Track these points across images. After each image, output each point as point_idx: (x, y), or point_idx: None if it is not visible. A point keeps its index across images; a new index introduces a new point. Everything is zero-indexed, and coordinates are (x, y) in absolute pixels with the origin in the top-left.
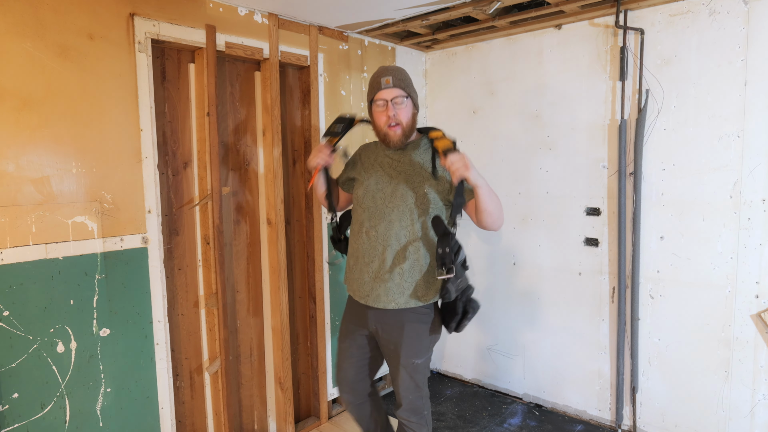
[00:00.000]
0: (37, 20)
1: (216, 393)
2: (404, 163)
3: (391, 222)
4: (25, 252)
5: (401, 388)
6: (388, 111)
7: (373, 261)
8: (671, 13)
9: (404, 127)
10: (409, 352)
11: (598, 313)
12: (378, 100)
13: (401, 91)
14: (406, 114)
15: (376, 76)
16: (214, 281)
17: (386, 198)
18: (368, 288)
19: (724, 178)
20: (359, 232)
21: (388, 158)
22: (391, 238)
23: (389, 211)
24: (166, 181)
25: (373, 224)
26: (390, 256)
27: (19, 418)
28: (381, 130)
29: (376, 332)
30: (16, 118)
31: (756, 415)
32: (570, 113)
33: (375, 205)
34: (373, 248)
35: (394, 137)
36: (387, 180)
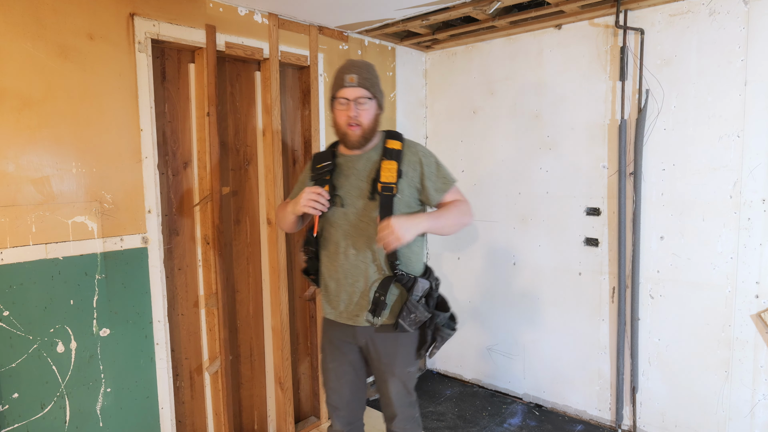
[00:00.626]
0: (37, 20)
1: (216, 393)
2: (369, 170)
3: (371, 237)
4: (25, 252)
5: (396, 399)
6: (349, 111)
7: (358, 280)
8: (671, 13)
9: (364, 128)
10: (405, 361)
11: (598, 313)
12: (340, 98)
13: (365, 92)
14: (367, 115)
15: (341, 72)
16: (214, 281)
17: (359, 212)
18: (356, 308)
19: (724, 178)
20: (336, 253)
21: (353, 168)
22: (372, 253)
23: (365, 226)
24: (166, 181)
25: (350, 242)
26: (374, 271)
27: (19, 418)
28: (341, 128)
29: (366, 346)
30: (16, 118)
31: (756, 415)
32: (570, 113)
33: (348, 222)
34: (356, 267)
35: (353, 137)
36: (357, 193)
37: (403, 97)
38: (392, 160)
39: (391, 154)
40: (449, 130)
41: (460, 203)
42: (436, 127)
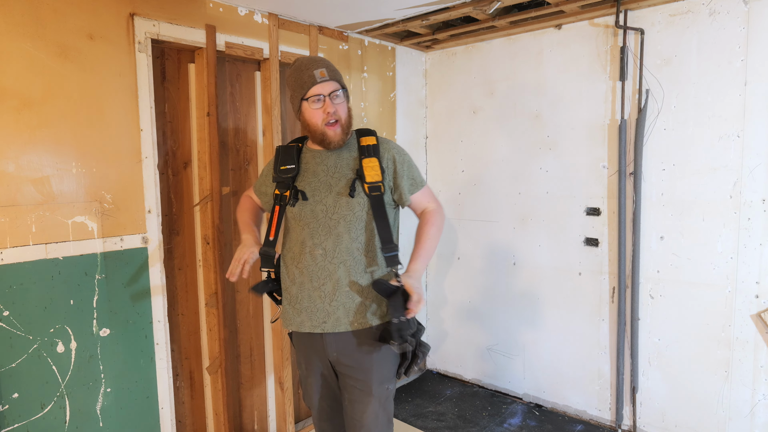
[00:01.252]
0: (37, 20)
1: (216, 393)
2: (341, 167)
3: (340, 236)
4: (25, 252)
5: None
6: (326, 107)
7: (325, 283)
8: (671, 13)
9: (343, 124)
10: (381, 377)
11: (598, 313)
12: (313, 96)
13: (337, 84)
14: (344, 109)
15: (306, 69)
16: (214, 281)
17: (328, 209)
18: (323, 314)
19: (724, 178)
20: (301, 254)
21: (322, 165)
22: (343, 253)
23: (335, 224)
24: (166, 181)
25: (317, 242)
26: (344, 274)
27: (19, 418)
28: (317, 129)
29: (336, 361)
30: (16, 118)
31: (756, 415)
32: (570, 113)
33: (316, 220)
34: (323, 268)
35: (335, 137)
36: (326, 189)
37: (403, 97)
38: (373, 157)
39: (370, 151)
40: (449, 130)
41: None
42: (436, 127)
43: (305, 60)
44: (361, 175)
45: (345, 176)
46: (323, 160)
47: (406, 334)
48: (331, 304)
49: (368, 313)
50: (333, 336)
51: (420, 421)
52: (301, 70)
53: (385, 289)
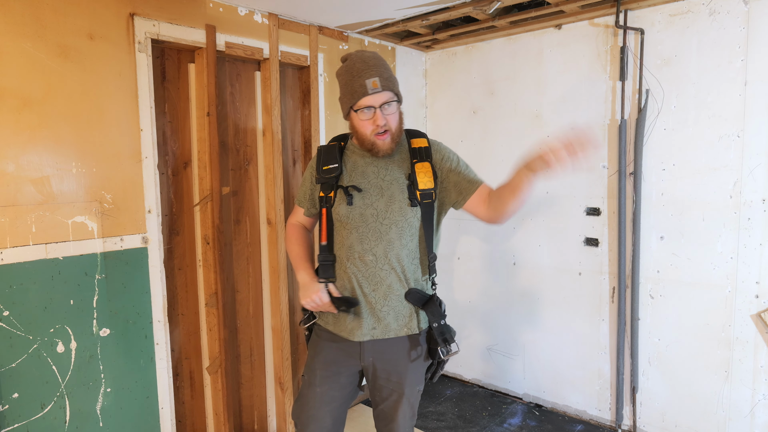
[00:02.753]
0: (37, 20)
1: (216, 393)
2: (392, 170)
3: (391, 242)
4: (25, 252)
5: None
6: (376, 119)
7: (377, 289)
8: (671, 13)
9: (393, 133)
10: (416, 379)
11: (598, 313)
12: (363, 108)
13: (391, 94)
14: (395, 119)
15: (358, 76)
16: (214, 281)
17: (379, 214)
18: (373, 320)
19: (724, 178)
20: (349, 259)
21: (372, 166)
22: (393, 260)
23: (386, 230)
24: (166, 181)
25: (367, 247)
26: (396, 280)
27: (19, 418)
28: (367, 139)
29: (371, 365)
30: (16, 118)
31: (756, 415)
32: (570, 113)
33: (366, 225)
34: (374, 274)
35: (384, 146)
36: (377, 192)
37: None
38: (425, 162)
39: (422, 155)
40: (449, 130)
41: None
42: (436, 127)
43: (358, 63)
44: (414, 181)
45: (396, 180)
46: (373, 161)
47: (447, 336)
48: (382, 311)
49: (419, 319)
50: (371, 343)
51: (420, 421)
52: (353, 76)
53: (420, 298)
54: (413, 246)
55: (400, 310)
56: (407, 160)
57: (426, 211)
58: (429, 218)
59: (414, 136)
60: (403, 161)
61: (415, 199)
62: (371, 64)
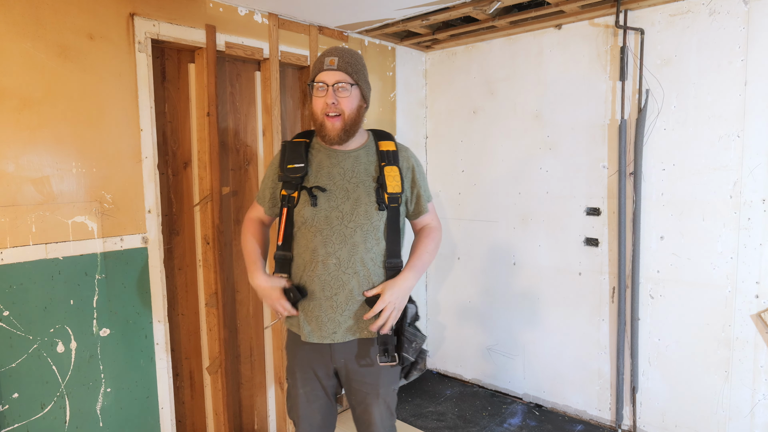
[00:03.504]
0: (37, 20)
1: (216, 393)
2: (359, 172)
3: (355, 245)
4: (25, 252)
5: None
6: (327, 97)
7: (338, 293)
8: (671, 13)
9: (346, 119)
10: (390, 379)
11: (598, 313)
12: (318, 82)
13: (347, 77)
14: (350, 104)
15: (322, 55)
16: (214, 281)
17: (344, 217)
18: (333, 324)
19: (724, 178)
20: (312, 262)
21: (338, 167)
22: (357, 263)
23: (351, 233)
24: (166, 181)
25: (331, 251)
26: (357, 285)
27: (19, 418)
28: (317, 118)
29: (344, 367)
30: (16, 118)
31: (756, 415)
32: (570, 113)
33: (330, 227)
34: (336, 278)
35: (332, 130)
36: (343, 194)
37: (403, 97)
38: (393, 166)
39: (390, 158)
40: (449, 130)
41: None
42: (436, 127)
43: (329, 48)
44: (383, 184)
45: (363, 182)
46: (339, 162)
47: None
48: (343, 314)
49: None
50: (341, 345)
51: (420, 421)
52: (320, 55)
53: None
54: (378, 250)
55: (360, 314)
56: (375, 163)
57: (392, 214)
58: (395, 222)
59: (382, 138)
60: (370, 163)
61: (383, 203)
62: (339, 49)
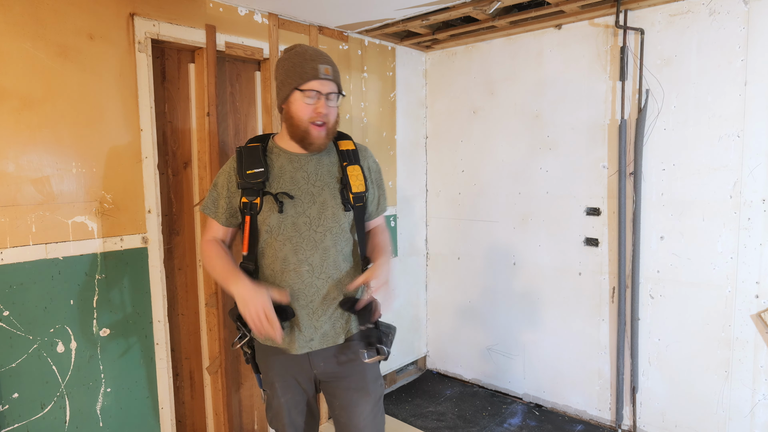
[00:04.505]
0: (37, 20)
1: (216, 393)
2: (322, 174)
3: (327, 249)
4: (25, 252)
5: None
6: (319, 107)
7: (312, 300)
8: (671, 13)
9: (330, 128)
10: (375, 374)
11: (598, 313)
12: (309, 90)
13: (336, 87)
14: (334, 114)
15: (311, 60)
16: (214, 281)
17: (312, 222)
18: (310, 331)
19: (724, 178)
20: (283, 272)
21: (302, 171)
22: (330, 268)
23: (321, 237)
24: (166, 181)
25: (303, 258)
26: (332, 288)
27: (19, 418)
28: (301, 125)
29: (323, 372)
30: (16, 118)
31: (756, 415)
32: (570, 113)
33: (299, 234)
34: (309, 285)
35: (317, 139)
36: (309, 199)
37: (403, 97)
38: (355, 165)
39: (351, 158)
40: (449, 130)
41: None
42: (436, 127)
43: (311, 50)
44: (347, 184)
45: (328, 185)
46: (302, 165)
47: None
48: (320, 320)
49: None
50: (317, 353)
51: (420, 421)
52: (305, 60)
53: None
54: (348, 251)
55: (336, 318)
56: (336, 164)
57: (358, 214)
58: (361, 221)
59: (340, 137)
60: (332, 164)
61: (348, 203)
62: (324, 55)
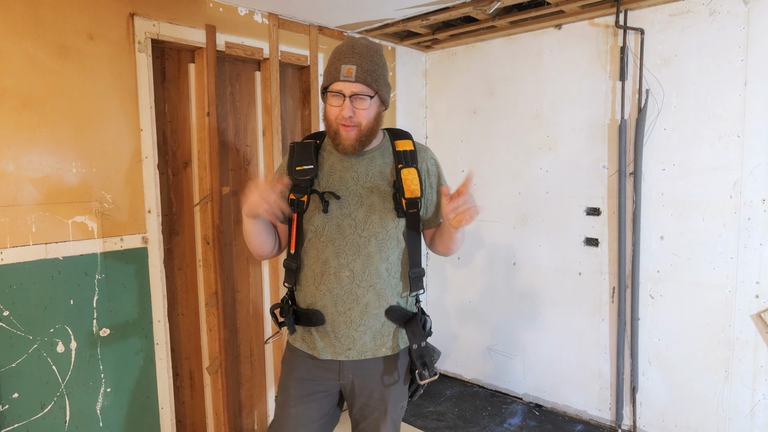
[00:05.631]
0: (37, 20)
1: (216, 393)
2: (373, 175)
3: (370, 256)
4: (25, 252)
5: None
6: (343, 110)
7: (352, 308)
8: (671, 13)
9: (362, 130)
10: (398, 397)
11: (598, 313)
12: (333, 92)
13: (366, 89)
14: (367, 115)
15: (338, 58)
16: (214, 281)
17: (358, 225)
18: (348, 341)
19: (724, 178)
20: (323, 274)
21: (351, 171)
22: (373, 275)
23: (365, 243)
24: (166, 181)
25: (344, 262)
26: (374, 298)
27: (19, 418)
28: (331, 125)
29: (350, 383)
30: (16, 118)
31: (756, 415)
32: (570, 113)
33: (343, 236)
34: (350, 292)
35: (346, 140)
36: (356, 201)
37: (403, 97)
38: (412, 168)
39: (407, 159)
40: (449, 130)
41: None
42: (436, 127)
43: (346, 46)
44: (400, 188)
45: (378, 187)
46: (352, 165)
47: (427, 359)
48: (357, 330)
49: (398, 338)
50: (350, 363)
51: (420, 421)
52: (334, 59)
53: (401, 316)
54: (395, 260)
55: (378, 330)
56: (391, 165)
57: (411, 221)
58: (414, 229)
59: (398, 137)
60: (386, 166)
61: (401, 209)
62: (357, 51)
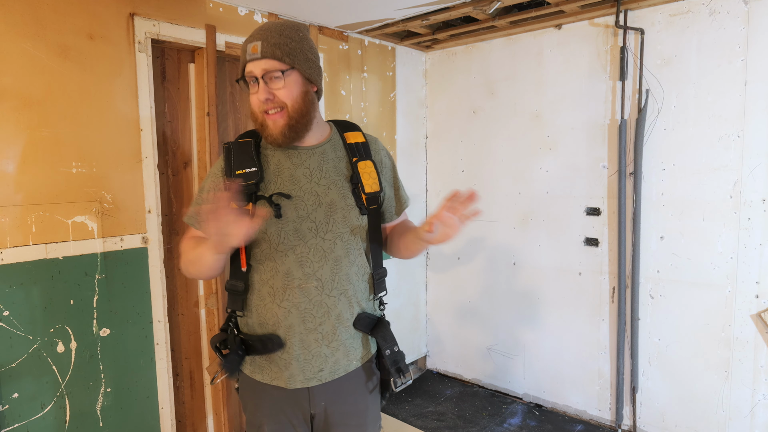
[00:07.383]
0: (37, 20)
1: (216, 393)
2: (328, 170)
3: (338, 260)
4: (25, 252)
5: None
6: (259, 93)
7: (324, 321)
8: (671, 13)
9: (290, 113)
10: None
11: (598, 313)
12: (247, 78)
13: (276, 63)
14: (289, 94)
15: (246, 41)
16: (214, 281)
17: (319, 227)
18: (320, 361)
19: (724, 178)
20: (285, 289)
21: (302, 167)
22: (343, 281)
23: (330, 246)
24: (166, 181)
25: (310, 271)
26: (346, 306)
27: (19, 418)
28: (256, 117)
29: (324, 411)
30: (16, 118)
31: (756, 415)
32: (570, 113)
33: (304, 242)
34: (319, 304)
35: (275, 130)
36: (313, 200)
37: (403, 97)
38: (367, 160)
39: (361, 152)
40: (449, 130)
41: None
42: (436, 127)
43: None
44: (358, 183)
45: (335, 183)
46: (303, 161)
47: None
48: (330, 346)
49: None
50: (322, 386)
51: (420, 421)
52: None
53: (369, 323)
54: (362, 261)
55: (350, 343)
56: (344, 159)
57: (373, 218)
58: (376, 227)
59: (347, 129)
60: (339, 160)
61: (363, 205)
62: (264, 28)
